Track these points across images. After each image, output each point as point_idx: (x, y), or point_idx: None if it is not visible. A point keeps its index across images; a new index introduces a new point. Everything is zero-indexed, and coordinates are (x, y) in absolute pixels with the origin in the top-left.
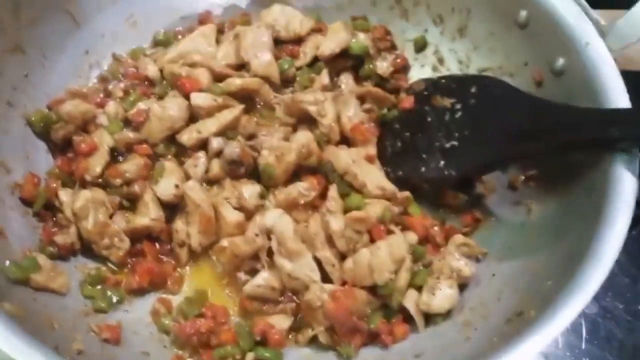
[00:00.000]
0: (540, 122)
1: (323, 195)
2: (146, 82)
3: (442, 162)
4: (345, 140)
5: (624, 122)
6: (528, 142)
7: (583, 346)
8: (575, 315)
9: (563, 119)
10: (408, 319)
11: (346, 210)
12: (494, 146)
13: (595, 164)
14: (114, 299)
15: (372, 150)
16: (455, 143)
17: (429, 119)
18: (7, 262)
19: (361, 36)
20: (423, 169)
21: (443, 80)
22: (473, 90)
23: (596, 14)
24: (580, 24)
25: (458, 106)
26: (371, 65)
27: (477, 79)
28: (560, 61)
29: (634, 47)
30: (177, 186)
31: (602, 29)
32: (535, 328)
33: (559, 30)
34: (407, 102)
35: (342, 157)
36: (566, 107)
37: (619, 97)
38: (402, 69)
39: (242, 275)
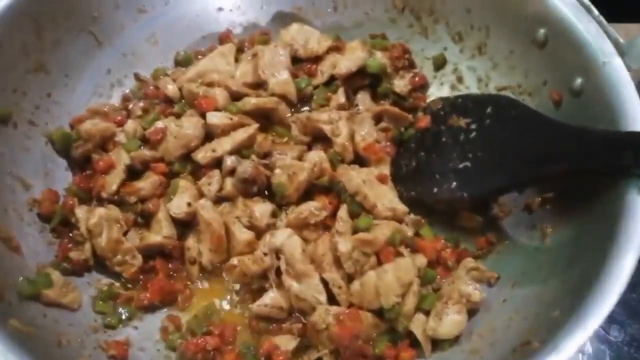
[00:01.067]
0: (556, 145)
1: (335, 215)
2: (166, 101)
3: (454, 184)
4: (360, 160)
5: (637, 147)
6: (542, 165)
7: None
8: (575, 348)
9: (579, 143)
10: (415, 343)
11: (355, 232)
12: (507, 168)
13: (611, 189)
14: (124, 315)
15: (385, 169)
16: (468, 164)
17: (444, 139)
18: (21, 278)
19: (378, 54)
20: (435, 189)
21: (460, 100)
22: (489, 110)
23: (614, 31)
24: (598, 42)
25: (473, 126)
26: (389, 84)
27: (494, 99)
28: (579, 81)
29: None
30: (189, 204)
31: (621, 48)
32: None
33: (577, 49)
34: (424, 121)
35: (353, 177)
36: (582, 130)
37: (636, 118)
38: (420, 87)
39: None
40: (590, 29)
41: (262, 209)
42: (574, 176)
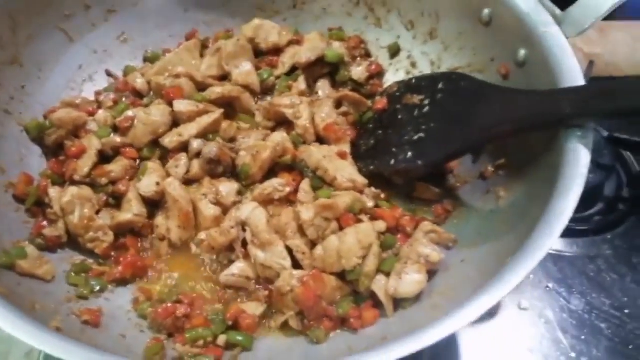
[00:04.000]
0: (501, 107)
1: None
2: (135, 95)
3: (410, 154)
4: (321, 141)
5: (574, 98)
6: (491, 127)
7: (569, 341)
8: (520, 280)
9: (521, 102)
10: (377, 305)
11: None
12: (459, 135)
13: (554, 142)
14: (97, 287)
15: (345, 148)
16: (422, 135)
17: (400, 117)
18: None
19: (336, 44)
20: (393, 161)
21: (414, 80)
22: (440, 85)
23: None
24: (537, 14)
25: (426, 102)
26: (347, 72)
27: (445, 75)
28: (522, 52)
29: (619, 50)
30: (158, 183)
31: (558, 18)
32: (481, 293)
33: (518, 23)
34: (381, 103)
35: (314, 153)
36: (524, 92)
37: (576, 79)
38: (377, 74)
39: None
40: (528, 3)
41: (228, 188)
42: (521, 133)
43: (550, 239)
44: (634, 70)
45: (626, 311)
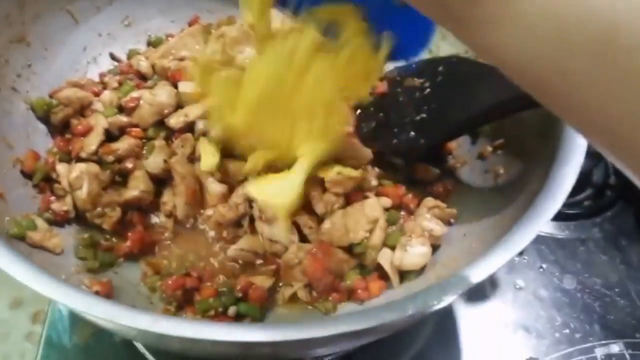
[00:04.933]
0: (501, 86)
1: None
2: (139, 77)
3: (412, 133)
4: None
5: None
6: (490, 107)
7: (562, 319)
8: (524, 245)
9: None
10: (383, 277)
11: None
12: (459, 114)
13: (551, 121)
14: (105, 261)
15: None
16: (424, 115)
17: (401, 99)
18: (7, 219)
19: None
20: (395, 140)
21: (414, 65)
22: (440, 68)
23: None
24: None
25: (427, 84)
26: None
27: (445, 59)
28: None
29: None
30: (165, 161)
31: None
32: (483, 258)
33: None
34: (381, 87)
35: None
36: None
37: None
38: None
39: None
40: None
41: (234, 166)
42: (519, 110)
43: (554, 203)
44: None
45: (616, 290)
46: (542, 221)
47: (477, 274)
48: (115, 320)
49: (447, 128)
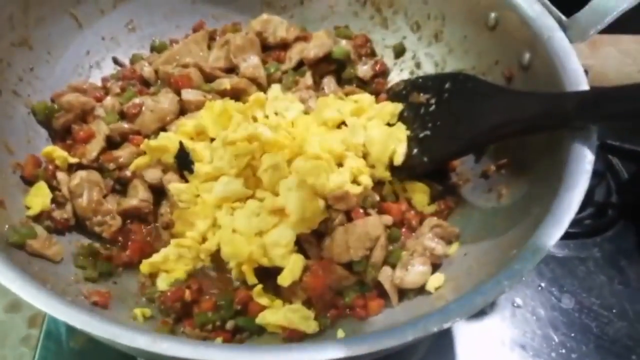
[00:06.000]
0: (507, 108)
1: None
2: (142, 83)
3: (415, 150)
4: None
5: (579, 101)
6: (496, 127)
7: (559, 339)
8: (530, 269)
9: (527, 104)
10: (382, 295)
11: None
12: (464, 133)
13: (556, 143)
14: (104, 271)
15: None
16: (428, 133)
17: (405, 114)
18: (7, 227)
19: (343, 42)
20: None
21: (420, 80)
22: (447, 85)
23: (556, 9)
24: (542, 19)
25: (432, 100)
26: (352, 70)
27: (452, 76)
28: (527, 56)
29: (609, 63)
30: (164, 171)
31: (564, 24)
32: (490, 283)
33: (524, 27)
34: (383, 100)
35: None
36: (530, 94)
37: (579, 83)
38: (382, 73)
39: None
40: (534, 8)
41: None
42: (525, 134)
43: (559, 230)
44: (622, 82)
45: (614, 311)
46: (545, 249)
47: (478, 302)
48: (114, 339)
49: (452, 147)
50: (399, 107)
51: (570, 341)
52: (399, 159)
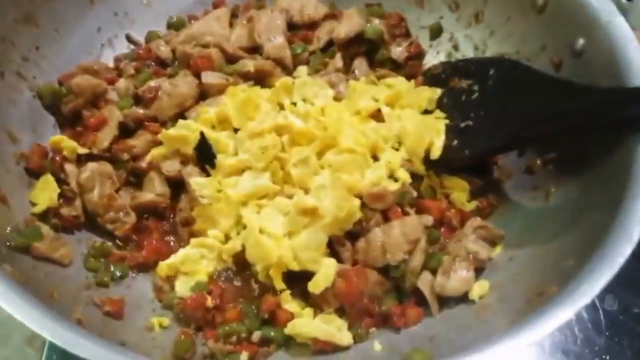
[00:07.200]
0: (560, 103)
1: None
2: (158, 64)
3: (455, 142)
4: None
5: None
6: (545, 123)
7: (602, 342)
8: (602, 286)
9: (584, 100)
10: (421, 302)
11: None
12: (510, 127)
13: (618, 145)
14: (117, 274)
15: None
16: (470, 123)
17: (445, 100)
18: (9, 229)
19: (376, 21)
20: None
21: (461, 63)
22: (491, 72)
23: None
24: (599, 2)
25: (475, 87)
26: (385, 51)
27: (497, 61)
28: (581, 42)
29: None
30: (183, 162)
31: (624, 7)
32: (558, 302)
33: (578, 11)
34: (419, 83)
35: None
36: (587, 87)
37: None
38: (417, 55)
39: None
40: None
41: None
42: (580, 135)
43: (629, 243)
44: None
45: None
46: (615, 266)
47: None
48: None
49: (496, 141)
50: (437, 92)
51: (614, 345)
52: (436, 152)
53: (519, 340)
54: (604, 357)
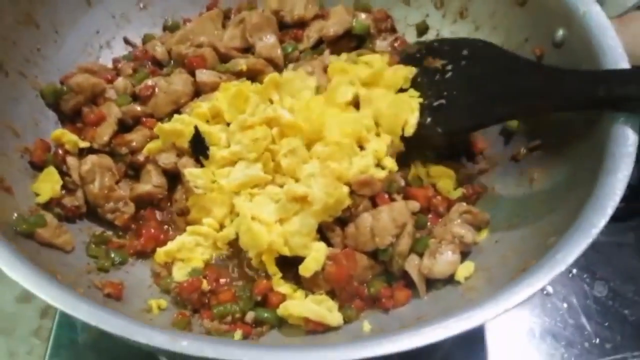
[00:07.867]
0: (529, 81)
1: None
2: (154, 64)
3: (428, 119)
4: None
5: (619, 80)
6: (516, 101)
7: (593, 328)
8: (576, 256)
9: (553, 80)
10: (409, 285)
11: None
12: (482, 105)
13: (595, 124)
14: (117, 260)
15: None
16: (443, 101)
17: (419, 79)
18: (15, 215)
19: (362, 16)
20: None
21: (436, 43)
22: (465, 52)
23: None
24: None
25: (449, 67)
26: (370, 44)
27: (470, 42)
28: (560, 32)
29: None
30: (178, 155)
31: None
32: (534, 271)
33: (557, 1)
34: (394, 61)
35: None
36: (557, 69)
37: (618, 61)
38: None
39: None
40: None
41: None
42: (550, 112)
43: (603, 216)
44: None
45: None
46: (589, 237)
47: (520, 294)
48: (131, 337)
49: (469, 119)
50: (412, 71)
51: (604, 330)
52: (410, 130)
53: (496, 307)
54: (593, 341)
